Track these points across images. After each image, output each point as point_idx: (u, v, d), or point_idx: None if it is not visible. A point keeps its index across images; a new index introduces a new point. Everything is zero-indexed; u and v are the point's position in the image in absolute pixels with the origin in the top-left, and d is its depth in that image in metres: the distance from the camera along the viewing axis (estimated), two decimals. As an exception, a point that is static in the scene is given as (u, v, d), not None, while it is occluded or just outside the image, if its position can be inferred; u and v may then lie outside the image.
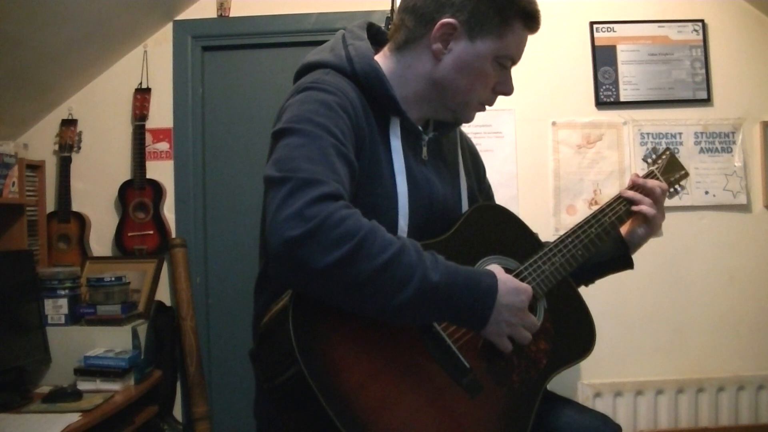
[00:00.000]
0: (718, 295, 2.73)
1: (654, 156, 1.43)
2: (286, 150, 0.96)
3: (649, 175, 1.37)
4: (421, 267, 0.92)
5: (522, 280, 1.15)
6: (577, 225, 1.26)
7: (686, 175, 1.43)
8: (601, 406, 2.65)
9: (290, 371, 0.91)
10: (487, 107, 1.21)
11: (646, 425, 2.64)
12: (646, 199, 1.30)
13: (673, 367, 2.69)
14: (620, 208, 1.30)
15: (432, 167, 1.21)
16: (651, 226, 1.31)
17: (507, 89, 1.19)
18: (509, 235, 1.22)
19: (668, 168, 1.40)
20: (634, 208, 1.30)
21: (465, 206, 1.25)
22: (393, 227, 1.09)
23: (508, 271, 1.16)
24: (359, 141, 1.06)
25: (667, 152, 1.43)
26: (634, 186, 1.33)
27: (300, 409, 0.94)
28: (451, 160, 1.29)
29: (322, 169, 0.93)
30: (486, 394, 1.06)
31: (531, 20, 1.14)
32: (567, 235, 1.23)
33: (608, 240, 1.28)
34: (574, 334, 1.22)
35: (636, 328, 2.72)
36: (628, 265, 1.37)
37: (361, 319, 0.96)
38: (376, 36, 1.24)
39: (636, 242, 1.34)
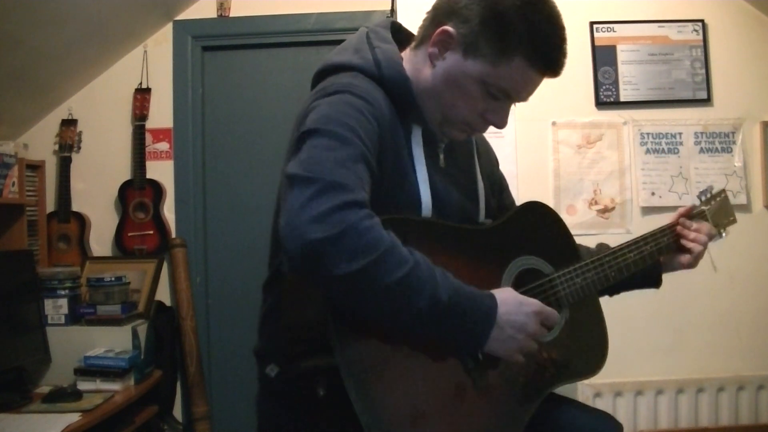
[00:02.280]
0: (718, 295, 2.73)
1: (708, 195, 1.41)
2: (314, 151, 0.95)
3: (699, 214, 1.37)
4: (431, 285, 0.93)
5: (553, 287, 1.16)
6: (618, 246, 1.28)
7: (734, 221, 1.43)
8: (601, 406, 2.65)
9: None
10: (476, 131, 1.17)
11: (646, 425, 2.64)
12: (701, 237, 1.32)
13: (673, 367, 2.69)
14: (664, 240, 1.31)
15: (449, 175, 1.19)
16: (693, 261, 1.33)
17: (497, 121, 1.12)
18: (552, 238, 1.23)
19: (719, 211, 1.40)
20: (686, 243, 1.32)
21: (482, 211, 1.24)
22: None
23: (541, 275, 1.17)
24: (383, 150, 1.05)
25: (723, 194, 1.41)
26: (682, 221, 1.34)
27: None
28: (466, 165, 1.26)
29: (349, 174, 0.92)
30: (491, 388, 1.06)
31: (540, 61, 1.06)
32: (605, 254, 1.24)
33: (643, 266, 1.30)
34: (586, 352, 1.21)
35: (636, 328, 2.72)
36: (657, 284, 1.40)
37: None
38: (396, 35, 1.19)
39: (671, 268, 1.37)
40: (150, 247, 2.80)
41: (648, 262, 1.29)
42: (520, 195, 3.01)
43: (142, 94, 2.86)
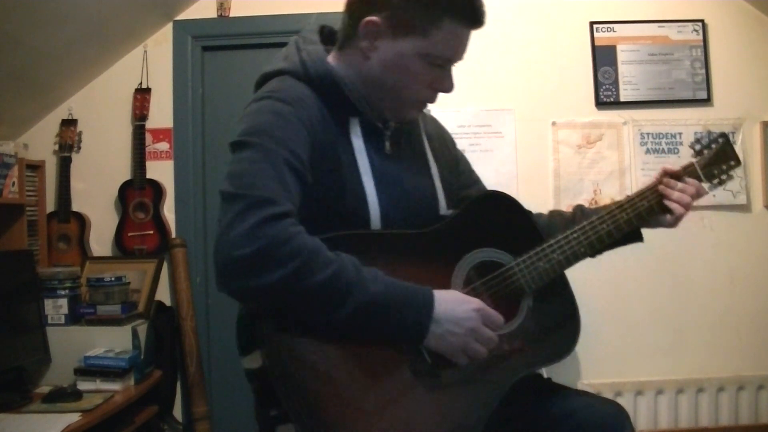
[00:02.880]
0: (718, 295, 2.73)
1: (704, 143, 1.29)
2: (240, 164, 1.00)
3: (688, 168, 1.27)
4: (359, 284, 0.97)
5: (510, 276, 1.14)
6: (588, 220, 1.20)
7: (736, 165, 1.29)
8: (601, 406, 2.65)
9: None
10: (428, 104, 1.19)
11: (646, 425, 2.64)
12: (684, 198, 1.21)
13: (673, 367, 2.69)
14: (643, 204, 1.22)
15: (398, 159, 1.20)
16: (674, 221, 1.23)
17: (444, 87, 1.14)
18: (511, 227, 1.19)
19: (716, 158, 1.27)
20: (667, 203, 1.21)
21: (439, 191, 1.24)
22: (365, 223, 1.10)
23: (499, 265, 1.15)
24: (316, 148, 1.07)
25: (720, 140, 1.29)
26: (666, 176, 1.25)
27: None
28: (418, 148, 1.27)
29: (274, 186, 0.97)
30: (444, 387, 1.06)
31: (465, 17, 1.09)
32: (573, 231, 1.18)
33: (620, 235, 1.21)
34: (556, 336, 1.17)
35: (636, 328, 2.72)
36: (638, 239, 1.28)
37: None
38: (330, 37, 1.23)
39: (650, 226, 1.27)
40: (150, 247, 2.80)
41: (625, 229, 1.20)
42: (521, 195, 3.02)
43: (142, 94, 2.86)
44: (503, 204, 1.21)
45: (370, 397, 1.01)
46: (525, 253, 1.16)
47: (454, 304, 1.04)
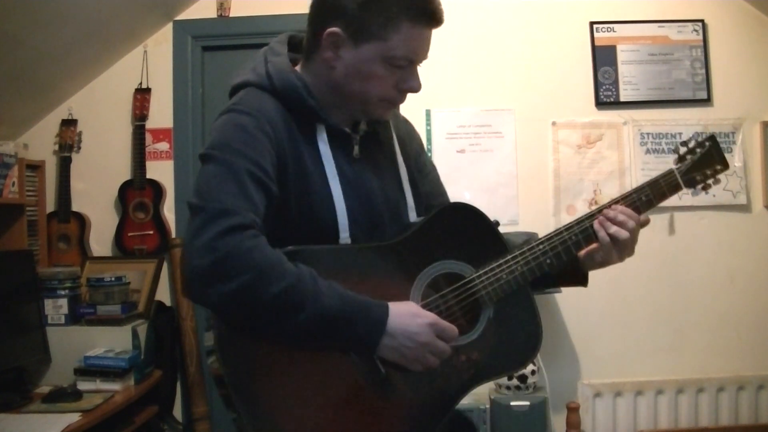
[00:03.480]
0: (718, 295, 2.73)
1: (689, 146, 1.24)
2: (204, 178, 1.04)
3: (667, 177, 1.23)
4: (314, 295, 0.99)
5: (471, 288, 1.15)
6: (553, 231, 1.19)
7: (722, 169, 1.24)
8: (601, 406, 2.65)
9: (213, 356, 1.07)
10: (399, 104, 1.20)
11: (646, 425, 2.64)
12: (621, 232, 1.17)
13: (673, 367, 2.69)
14: (572, 238, 1.18)
15: (366, 164, 1.21)
16: (621, 250, 1.19)
17: (411, 86, 1.15)
18: (474, 239, 1.17)
19: (700, 163, 1.22)
20: (610, 233, 1.17)
21: (408, 194, 1.25)
22: (334, 231, 1.12)
23: (460, 277, 1.15)
24: (281, 157, 1.10)
25: (707, 144, 1.23)
26: (624, 195, 1.22)
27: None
28: (388, 151, 1.27)
29: (235, 199, 1.00)
30: (397, 398, 1.08)
31: (423, 17, 1.10)
32: (540, 241, 1.17)
33: (587, 245, 1.19)
34: (514, 346, 1.16)
35: (636, 328, 2.72)
36: (583, 282, 1.27)
37: None
38: (300, 46, 1.23)
39: (590, 266, 1.24)
40: (150, 247, 2.80)
41: (573, 251, 1.18)
42: (520, 195, 3.03)
43: (142, 94, 2.86)
44: (467, 215, 1.19)
45: (321, 403, 1.04)
46: (487, 264, 1.15)
47: (407, 318, 1.06)
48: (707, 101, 2.76)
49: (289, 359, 1.03)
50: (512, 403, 2.42)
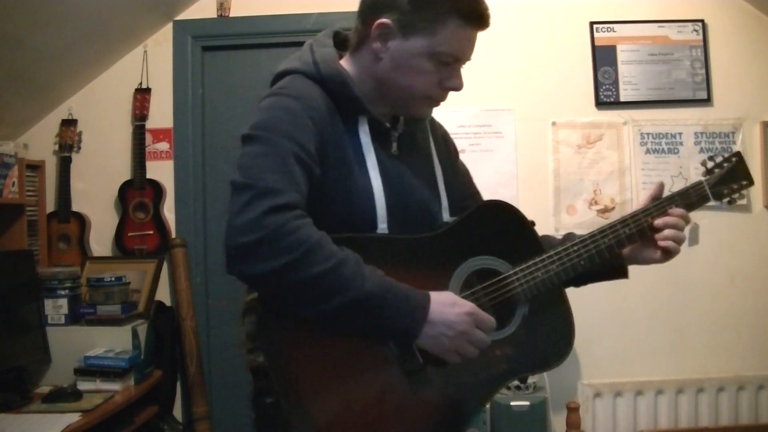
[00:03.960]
0: (718, 295, 2.73)
1: (716, 161, 1.29)
2: (249, 157, 1.05)
3: (696, 187, 1.27)
4: (358, 278, 1.01)
5: (508, 284, 1.17)
6: (590, 233, 1.22)
7: (748, 185, 1.31)
8: (601, 406, 2.65)
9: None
10: (441, 102, 1.22)
11: (646, 425, 2.64)
12: (680, 234, 1.22)
13: (673, 367, 2.69)
14: (647, 221, 1.23)
15: (403, 161, 1.23)
16: (668, 256, 1.24)
17: (454, 85, 1.18)
18: (511, 237, 1.20)
19: (727, 177, 1.28)
20: (660, 243, 1.22)
21: (443, 195, 1.28)
22: (372, 219, 1.14)
23: (496, 273, 1.17)
24: (323, 143, 1.12)
25: (734, 158, 1.30)
26: (670, 199, 1.25)
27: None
28: (425, 151, 1.30)
29: (280, 178, 1.02)
30: (430, 390, 1.10)
31: (470, 18, 1.13)
32: (574, 243, 1.21)
33: (620, 250, 1.24)
34: (547, 345, 1.19)
35: (636, 328, 2.72)
36: (623, 275, 1.31)
37: None
38: (344, 42, 1.27)
39: (637, 262, 1.29)
40: (150, 247, 2.80)
41: (626, 244, 1.23)
42: (520, 195, 3.03)
43: (142, 94, 2.86)
44: (505, 213, 1.22)
45: (355, 389, 1.05)
46: (524, 263, 1.18)
47: (447, 307, 1.07)
48: (707, 101, 2.76)
49: (329, 345, 1.05)
50: (512, 403, 2.42)
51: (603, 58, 2.77)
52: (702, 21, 2.77)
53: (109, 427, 2.10)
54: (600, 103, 2.76)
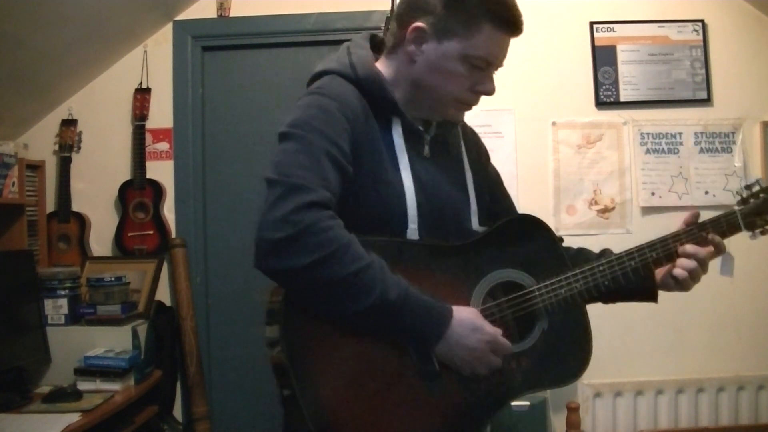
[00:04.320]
0: (718, 295, 2.73)
1: (752, 191, 1.27)
2: (283, 154, 1.07)
3: (728, 217, 1.27)
4: (382, 284, 1.02)
5: (529, 299, 1.18)
6: (617, 255, 1.24)
7: None
8: (601, 406, 2.65)
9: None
10: (472, 106, 1.24)
11: (646, 425, 2.64)
12: (692, 265, 1.24)
13: (673, 367, 2.69)
14: (674, 246, 1.25)
15: (435, 164, 1.25)
16: (681, 285, 1.27)
17: (486, 89, 1.20)
18: (537, 251, 1.22)
19: (761, 208, 1.25)
20: (673, 270, 1.24)
21: (472, 200, 1.29)
22: (403, 218, 1.15)
23: (519, 286, 1.19)
24: (358, 142, 1.13)
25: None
26: (701, 226, 1.26)
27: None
28: (456, 156, 1.32)
29: (312, 176, 1.03)
30: (445, 394, 1.11)
31: (503, 23, 1.16)
32: (600, 263, 1.22)
33: (645, 274, 1.25)
34: (563, 361, 1.21)
35: (636, 328, 2.72)
36: (653, 298, 1.34)
37: None
38: (379, 46, 1.29)
39: (663, 288, 1.32)
40: (150, 247, 2.80)
41: (631, 277, 1.24)
42: (520, 195, 3.03)
43: (142, 94, 2.86)
44: (534, 228, 1.23)
45: (374, 390, 1.07)
46: (548, 278, 1.19)
47: (468, 331, 1.09)
48: (707, 101, 2.76)
49: (349, 345, 1.06)
50: (512, 403, 2.41)
51: (603, 58, 2.77)
52: (702, 21, 2.77)
53: (109, 427, 2.10)
54: (600, 103, 2.76)
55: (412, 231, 1.15)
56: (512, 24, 1.17)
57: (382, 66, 1.24)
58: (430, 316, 1.06)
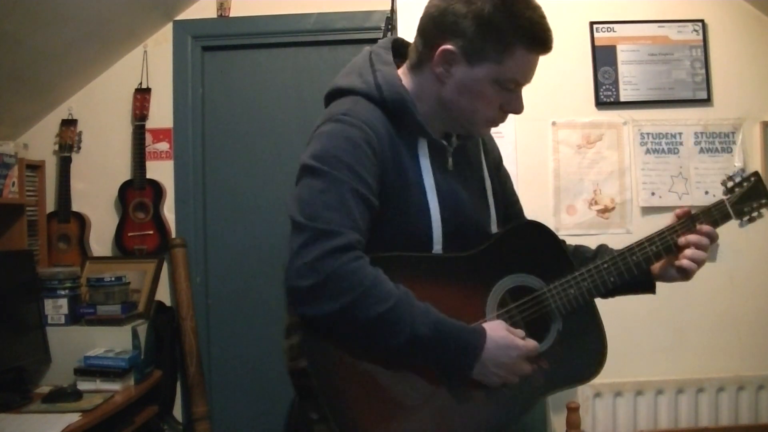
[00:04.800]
0: (718, 295, 2.73)
1: (735, 181, 1.33)
2: (308, 192, 1.06)
3: (718, 206, 1.31)
4: (410, 320, 1.03)
5: (542, 301, 1.20)
6: (618, 251, 1.27)
7: (767, 204, 1.33)
8: (601, 406, 2.65)
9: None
10: (498, 123, 1.24)
11: (646, 425, 2.64)
12: (699, 253, 1.27)
13: (673, 367, 2.69)
14: (672, 238, 1.28)
15: (457, 175, 1.25)
16: (687, 276, 1.29)
17: (514, 109, 1.21)
18: (544, 255, 1.25)
19: (748, 195, 1.31)
20: (678, 263, 1.27)
21: (492, 207, 1.31)
22: (428, 240, 1.17)
23: (530, 290, 1.21)
24: (384, 171, 1.13)
25: (753, 178, 1.33)
26: (694, 217, 1.29)
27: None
28: (476, 163, 1.33)
29: (339, 217, 1.03)
30: (470, 403, 1.12)
31: (535, 43, 1.15)
32: (604, 261, 1.25)
33: (647, 267, 1.28)
34: (580, 360, 1.24)
35: (636, 328, 2.72)
36: (651, 290, 1.37)
37: None
38: (400, 49, 1.27)
39: (664, 279, 1.34)
40: (150, 247, 2.80)
41: (653, 261, 1.28)
42: (520, 195, 3.00)
43: (142, 94, 2.86)
44: (539, 233, 1.26)
45: (396, 400, 1.08)
46: (557, 279, 1.22)
47: (502, 349, 1.10)
48: (707, 101, 2.75)
49: (372, 360, 1.07)
50: (512, 403, 2.41)
51: (603, 58, 2.76)
52: (702, 21, 2.76)
53: (109, 427, 2.10)
54: (600, 103, 2.76)
55: (437, 251, 1.17)
56: (543, 43, 1.16)
57: (406, 79, 1.21)
58: (463, 344, 1.07)
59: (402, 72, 1.23)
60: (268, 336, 2.89)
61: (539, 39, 1.15)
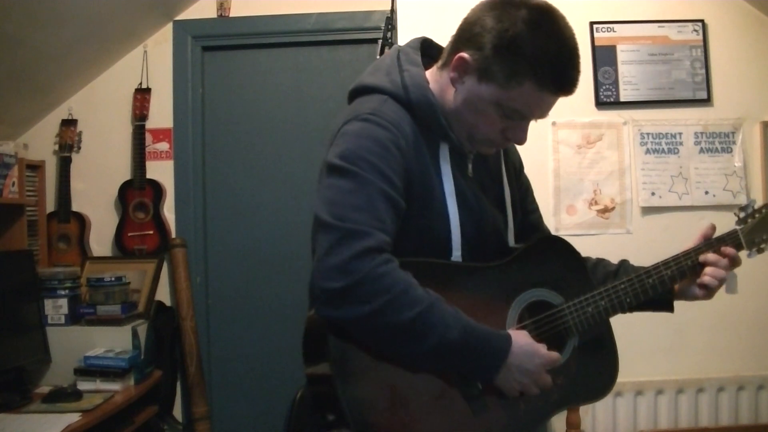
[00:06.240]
0: (718, 295, 2.72)
1: (749, 210, 1.35)
2: (336, 193, 1.04)
3: (731, 236, 1.33)
4: (442, 325, 1.02)
5: (561, 317, 1.21)
6: (636, 273, 1.28)
7: None
8: (601, 406, 2.65)
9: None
10: (499, 147, 1.25)
11: (646, 425, 2.64)
12: (719, 272, 1.29)
13: (673, 367, 2.69)
14: (687, 263, 1.30)
15: (477, 182, 1.25)
16: (709, 293, 1.32)
17: (516, 139, 1.19)
18: (565, 270, 1.26)
19: (760, 226, 1.35)
20: (700, 280, 1.30)
21: (509, 216, 1.31)
22: (447, 245, 1.16)
23: (549, 305, 1.21)
24: (410, 172, 1.12)
25: (764, 210, 1.34)
26: (708, 243, 1.31)
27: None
28: (495, 170, 1.33)
29: (368, 218, 1.02)
30: (486, 415, 1.12)
31: (549, 84, 1.10)
32: (622, 282, 1.26)
33: (663, 290, 1.30)
34: (593, 378, 1.25)
35: (636, 328, 2.71)
36: (669, 309, 1.40)
37: None
38: (428, 50, 1.26)
39: (685, 298, 1.37)
40: (150, 247, 2.80)
41: (668, 285, 1.30)
42: (520, 195, 2.98)
43: (142, 94, 2.86)
44: (561, 249, 1.28)
45: (413, 405, 1.08)
46: (576, 297, 1.23)
47: (528, 356, 1.10)
48: (707, 101, 2.75)
49: (392, 365, 1.07)
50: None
51: (603, 58, 2.76)
52: (702, 21, 2.76)
53: (109, 427, 2.10)
54: (600, 103, 2.76)
55: (456, 257, 1.16)
56: (560, 85, 1.11)
57: (432, 77, 1.20)
58: (491, 348, 1.07)
59: (430, 72, 1.22)
60: (268, 336, 2.89)
61: (554, 80, 1.10)
